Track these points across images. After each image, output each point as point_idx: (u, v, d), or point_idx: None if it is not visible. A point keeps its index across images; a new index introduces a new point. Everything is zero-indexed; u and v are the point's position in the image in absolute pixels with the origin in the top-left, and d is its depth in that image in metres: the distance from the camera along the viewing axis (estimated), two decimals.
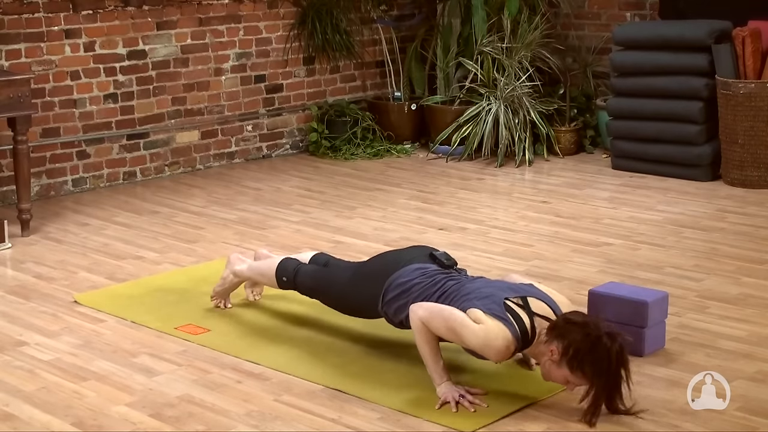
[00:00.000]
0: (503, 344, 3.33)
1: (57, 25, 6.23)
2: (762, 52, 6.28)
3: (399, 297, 3.64)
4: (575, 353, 3.26)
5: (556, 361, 3.32)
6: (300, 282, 4.02)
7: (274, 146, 7.39)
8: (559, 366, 3.32)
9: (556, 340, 3.31)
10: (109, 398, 3.52)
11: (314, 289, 4.00)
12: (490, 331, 3.33)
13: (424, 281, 3.61)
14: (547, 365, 3.36)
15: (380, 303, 3.69)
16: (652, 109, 6.68)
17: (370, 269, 3.84)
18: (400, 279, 3.66)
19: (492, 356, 3.38)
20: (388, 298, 3.66)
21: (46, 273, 4.89)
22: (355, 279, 3.85)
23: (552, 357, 3.32)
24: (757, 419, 3.33)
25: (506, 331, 3.33)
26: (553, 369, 3.34)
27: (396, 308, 3.65)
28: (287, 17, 7.31)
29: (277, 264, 4.10)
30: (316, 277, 4.00)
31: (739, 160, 6.34)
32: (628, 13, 7.53)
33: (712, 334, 4.05)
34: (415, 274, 3.66)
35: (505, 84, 7.09)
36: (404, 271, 3.68)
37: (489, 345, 3.33)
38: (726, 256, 5.04)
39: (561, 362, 3.31)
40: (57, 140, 6.32)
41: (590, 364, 3.26)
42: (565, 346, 3.28)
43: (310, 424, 3.32)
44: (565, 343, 3.29)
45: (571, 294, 4.49)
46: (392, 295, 3.65)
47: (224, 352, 3.91)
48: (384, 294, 3.67)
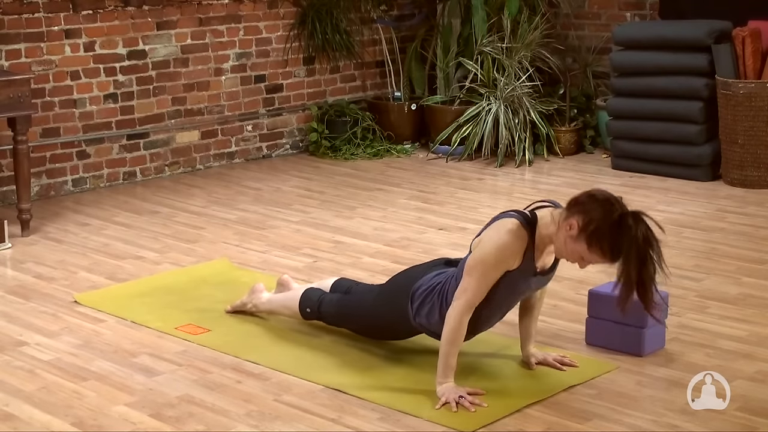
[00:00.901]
0: (503, 225, 3.36)
1: (57, 25, 6.23)
2: (762, 52, 6.28)
3: (425, 301, 3.62)
4: (596, 229, 3.22)
5: (573, 236, 3.27)
6: (325, 312, 3.98)
7: (274, 146, 7.39)
8: (576, 241, 3.28)
9: (576, 215, 3.27)
10: (109, 398, 3.52)
11: (341, 316, 3.95)
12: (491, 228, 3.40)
13: (442, 280, 3.61)
14: (562, 240, 3.32)
15: (412, 315, 3.66)
16: (652, 109, 6.68)
17: (394, 285, 3.81)
18: (423, 286, 3.65)
19: (494, 232, 3.37)
20: (416, 306, 3.64)
21: (46, 273, 4.89)
22: (381, 298, 3.82)
23: (570, 231, 3.28)
24: (757, 419, 3.33)
25: (505, 219, 3.38)
26: (569, 244, 3.30)
27: (427, 312, 3.62)
28: (287, 17, 7.32)
29: (300, 296, 4.06)
30: (340, 305, 3.95)
31: (739, 160, 6.34)
32: (628, 13, 7.53)
33: (712, 334, 4.05)
34: (435, 279, 3.65)
35: (505, 84, 7.09)
36: (425, 278, 3.67)
37: (499, 228, 3.37)
38: (726, 256, 5.04)
39: (579, 237, 3.27)
40: (57, 140, 6.33)
41: (610, 241, 3.21)
42: (586, 221, 3.24)
43: (310, 424, 3.32)
44: (586, 217, 3.24)
45: (571, 294, 4.50)
46: (419, 302, 3.64)
47: (224, 352, 3.91)
48: (412, 304, 3.65)
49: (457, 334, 3.43)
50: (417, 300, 3.64)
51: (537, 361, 3.73)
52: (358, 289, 4.01)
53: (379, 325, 3.84)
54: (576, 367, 3.71)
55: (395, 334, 3.88)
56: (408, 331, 3.79)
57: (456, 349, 3.46)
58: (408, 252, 5.15)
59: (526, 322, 3.74)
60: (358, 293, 3.97)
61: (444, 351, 3.46)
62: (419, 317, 3.65)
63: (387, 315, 3.77)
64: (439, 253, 4.90)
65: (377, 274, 4.81)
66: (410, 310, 3.66)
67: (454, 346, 3.45)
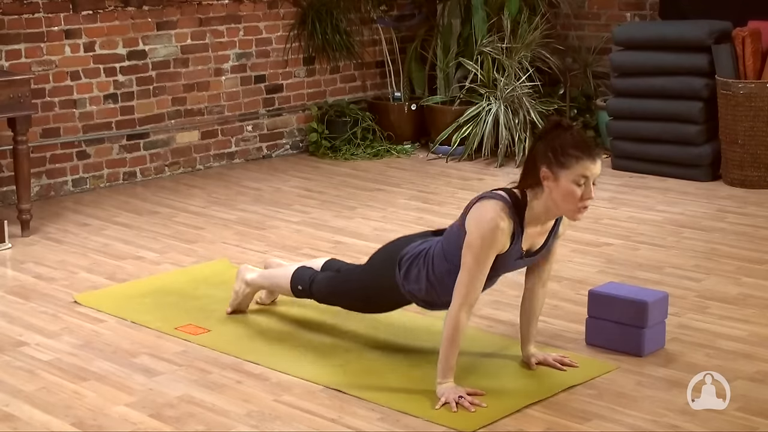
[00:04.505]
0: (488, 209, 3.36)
1: (57, 25, 6.23)
2: (762, 52, 6.28)
3: (412, 267, 3.63)
4: (555, 152, 3.33)
5: (551, 177, 3.34)
6: (316, 290, 3.99)
7: (274, 146, 7.39)
8: (557, 178, 3.34)
9: (538, 168, 3.36)
10: (109, 398, 3.52)
11: (331, 293, 3.96)
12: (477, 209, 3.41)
13: (430, 244, 3.63)
14: (555, 194, 3.36)
15: (400, 281, 3.67)
16: (652, 109, 6.68)
17: (381, 254, 3.83)
18: (409, 252, 3.67)
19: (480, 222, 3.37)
20: (403, 272, 3.65)
21: (46, 273, 4.89)
22: (370, 268, 3.84)
23: (549, 181, 3.35)
24: (757, 419, 3.33)
25: (490, 200, 3.39)
26: (559, 190, 3.34)
27: (415, 278, 3.63)
28: (287, 17, 7.32)
29: (291, 273, 4.07)
30: (331, 282, 3.96)
31: (739, 160, 6.34)
32: (628, 13, 7.53)
33: (712, 334, 4.05)
34: (421, 246, 3.67)
35: (505, 84, 7.09)
36: (411, 246, 3.69)
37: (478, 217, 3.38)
38: (726, 256, 5.04)
39: (555, 172, 3.34)
40: (57, 140, 6.33)
41: (570, 146, 3.33)
42: (544, 158, 3.35)
43: (310, 424, 3.32)
44: (541, 157, 3.35)
45: (571, 294, 4.50)
46: (406, 267, 3.65)
47: (224, 352, 3.91)
48: (399, 270, 3.66)
49: (456, 334, 3.42)
50: (404, 266, 3.65)
51: (537, 361, 3.73)
52: (349, 267, 4.05)
53: (370, 296, 3.85)
54: (576, 367, 3.71)
55: (386, 305, 3.88)
56: (398, 301, 3.79)
57: (456, 348, 3.45)
58: None
59: (527, 322, 3.74)
60: (349, 270, 4.00)
61: (444, 351, 3.46)
62: (408, 284, 3.66)
63: (376, 284, 3.78)
64: None
65: None
66: (398, 277, 3.67)
67: (454, 346, 3.44)
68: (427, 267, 3.59)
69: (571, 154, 3.33)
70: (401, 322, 4.19)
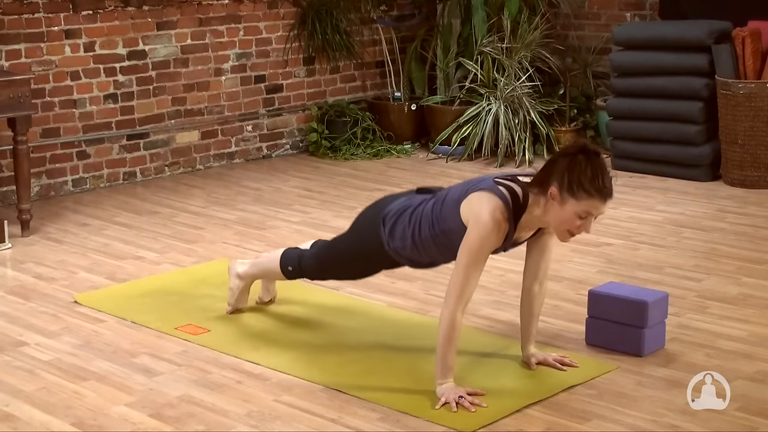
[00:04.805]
0: (489, 209, 3.35)
1: (57, 25, 6.23)
2: (762, 52, 6.28)
3: (396, 224, 3.65)
4: (570, 179, 3.29)
5: (558, 199, 3.32)
6: (305, 266, 4.01)
7: (274, 146, 7.39)
8: (563, 203, 3.32)
9: (548, 182, 3.34)
10: (109, 398, 3.52)
11: (320, 265, 3.98)
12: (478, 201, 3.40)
13: (417, 203, 3.65)
14: (554, 214, 3.36)
15: (385, 239, 3.68)
16: (652, 109, 6.68)
17: (365, 214, 3.86)
18: (393, 209, 3.69)
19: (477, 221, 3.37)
20: (388, 229, 3.67)
21: (46, 273, 4.89)
22: (355, 229, 3.86)
23: (553, 197, 3.33)
24: (757, 419, 3.33)
25: (492, 197, 3.37)
26: (560, 213, 3.33)
27: (400, 236, 3.64)
28: (287, 17, 7.32)
29: (280, 256, 4.10)
30: (319, 254, 3.99)
31: (739, 160, 6.34)
32: (628, 13, 7.53)
33: (712, 334, 4.05)
34: (406, 203, 3.69)
35: (505, 84, 7.09)
36: (395, 203, 3.72)
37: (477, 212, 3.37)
38: (726, 256, 5.04)
39: (563, 197, 3.31)
40: (57, 140, 6.33)
41: (590, 181, 3.28)
42: (559, 179, 3.31)
43: (310, 424, 3.32)
44: (556, 176, 3.32)
45: (571, 294, 4.50)
46: (391, 224, 3.67)
47: (224, 352, 3.91)
48: (384, 228, 3.68)
49: (453, 333, 3.42)
50: (389, 223, 3.67)
51: (537, 361, 3.73)
52: (334, 237, 4.06)
53: (357, 258, 3.85)
54: (576, 367, 3.71)
55: (374, 265, 3.88)
56: (384, 260, 3.79)
57: (453, 347, 3.45)
58: None
59: (526, 322, 3.74)
60: (334, 239, 4.01)
61: (441, 350, 3.45)
62: (393, 241, 3.67)
63: (362, 245, 3.79)
64: None
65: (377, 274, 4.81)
66: (383, 234, 3.68)
67: (451, 345, 3.44)
68: (413, 228, 3.60)
69: (585, 188, 3.30)
70: (401, 322, 4.20)
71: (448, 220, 3.51)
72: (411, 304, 4.42)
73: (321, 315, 4.27)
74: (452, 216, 3.49)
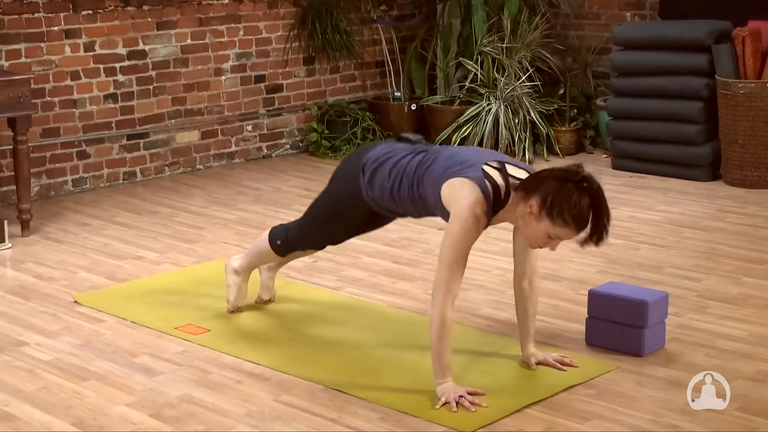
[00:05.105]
0: (468, 202, 3.35)
1: (57, 25, 6.23)
2: (762, 52, 6.28)
3: (376, 173, 3.67)
4: (553, 202, 3.29)
5: (535, 214, 3.33)
6: (292, 237, 4.04)
7: (274, 146, 7.39)
8: (539, 220, 3.33)
9: (532, 194, 3.34)
10: (109, 398, 3.52)
11: (304, 231, 4.01)
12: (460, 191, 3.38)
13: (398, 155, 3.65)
14: (527, 224, 3.38)
15: (364, 187, 3.70)
16: (652, 109, 6.68)
17: (344, 164, 3.89)
18: (373, 158, 3.71)
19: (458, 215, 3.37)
20: (367, 177, 3.69)
21: (46, 273, 4.89)
22: (334, 182, 3.90)
23: (531, 211, 3.34)
24: (757, 419, 3.33)
25: (475, 189, 3.36)
26: (533, 226, 3.36)
27: (380, 185, 3.66)
28: (287, 17, 7.32)
29: (267, 236, 4.12)
30: (301, 221, 4.04)
31: (739, 160, 6.34)
32: (628, 13, 7.53)
33: (712, 334, 4.05)
34: (386, 152, 3.70)
35: (505, 84, 7.09)
36: (375, 151, 3.73)
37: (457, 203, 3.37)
38: (726, 256, 5.04)
39: (541, 215, 3.32)
40: (57, 140, 6.33)
41: (571, 212, 3.28)
42: (543, 197, 3.30)
43: (310, 424, 3.32)
44: (542, 193, 3.31)
45: (571, 294, 4.50)
46: (370, 173, 3.68)
47: (224, 352, 3.91)
48: (363, 176, 3.70)
49: (445, 330, 3.41)
50: (368, 171, 3.69)
51: (537, 361, 3.73)
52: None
53: (337, 213, 3.87)
54: (576, 367, 3.71)
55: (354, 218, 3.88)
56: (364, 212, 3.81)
57: (448, 345, 3.44)
58: (408, 252, 5.15)
59: (522, 321, 3.73)
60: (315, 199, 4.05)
61: (436, 350, 3.45)
62: (371, 190, 3.69)
63: (342, 197, 3.83)
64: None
65: (377, 274, 4.82)
66: (362, 183, 3.70)
67: (445, 343, 3.43)
68: (393, 182, 3.62)
69: (564, 218, 3.30)
70: (401, 322, 4.20)
71: (427, 191, 3.53)
72: (411, 304, 4.42)
73: (321, 315, 4.27)
74: (432, 189, 3.51)
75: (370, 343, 3.97)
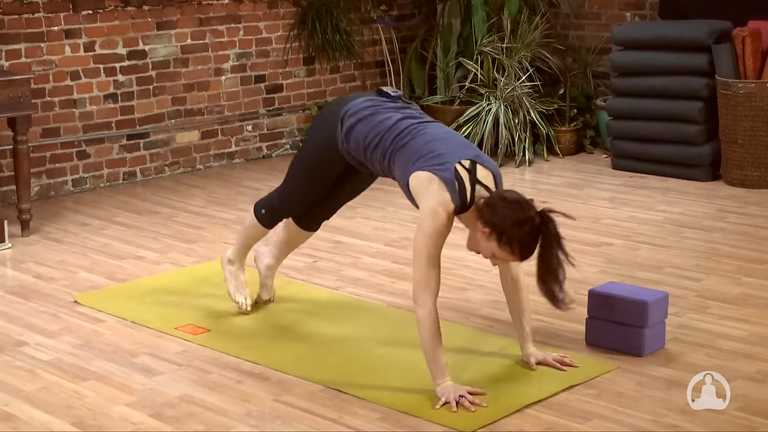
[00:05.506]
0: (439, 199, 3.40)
1: (57, 25, 6.23)
2: (762, 52, 6.28)
3: (354, 128, 3.70)
4: (506, 229, 3.36)
5: (486, 233, 3.40)
6: (273, 202, 4.08)
7: (274, 146, 7.39)
8: (488, 239, 3.41)
9: (487, 217, 3.40)
10: (109, 398, 3.52)
11: (284, 193, 4.04)
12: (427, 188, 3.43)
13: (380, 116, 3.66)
14: (477, 236, 3.45)
15: (341, 138, 3.73)
16: (652, 109, 6.68)
17: (322, 115, 3.92)
18: (352, 109, 3.73)
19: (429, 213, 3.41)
20: (345, 129, 3.71)
21: (46, 273, 4.89)
22: (309, 134, 3.96)
23: (483, 229, 3.41)
24: (757, 419, 3.33)
25: (443, 191, 3.41)
26: (482, 240, 3.43)
27: (354, 143, 3.70)
28: (287, 17, 7.32)
29: (252, 212, 4.15)
30: (281, 186, 4.08)
31: (739, 160, 6.34)
32: (628, 13, 7.53)
33: (712, 334, 4.05)
34: (366, 103, 3.73)
35: (505, 84, 7.09)
36: (355, 102, 3.76)
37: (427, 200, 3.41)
38: (726, 256, 5.04)
39: (491, 236, 3.40)
40: (57, 140, 6.33)
41: (519, 241, 3.36)
42: (496, 226, 3.37)
43: (310, 424, 3.32)
44: (497, 216, 3.37)
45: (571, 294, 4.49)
46: (348, 126, 3.71)
47: (224, 352, 3.91)
48: (342, 126, 3.72)
49: (434, 329, 3.42)
50: (347, 123, 3.72)
51: (537, 361, 3.72)
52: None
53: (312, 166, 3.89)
54: (576, 367, 3.71)
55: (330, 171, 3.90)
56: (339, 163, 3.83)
57: (440, 344, 3.44)
58: (408, 252, 5.15)
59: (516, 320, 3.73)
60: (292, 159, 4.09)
61: (430, 351, 3.45)
62: (347, 143, 3.73)
63: (317, 148, 3.86)
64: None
65: (377, 274, 4.82)
66: (339, 133, 3.73)
67: (437, 342, 3.43)
68: (367, 143, 3.65)
69: (512, 246, 3.40)
70: (401, 322, 4.19)
71: (396, 170, 3.59)
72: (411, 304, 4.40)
73: (321, 315, 4.27)
74: (401, 171, 3.56)
75: (370, 343, 3.97)
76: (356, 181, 4.03)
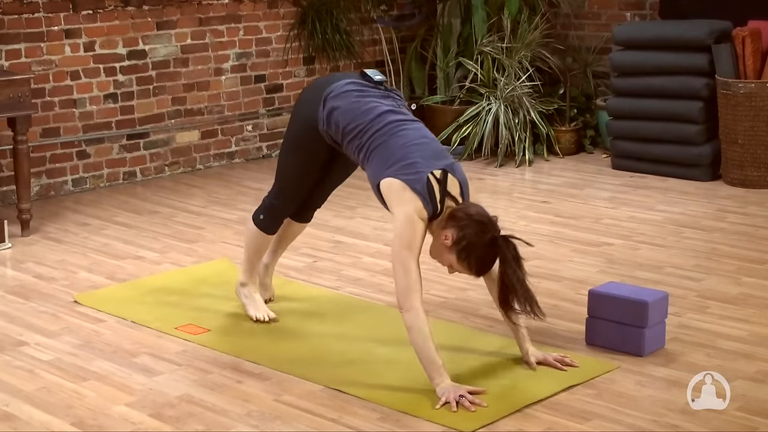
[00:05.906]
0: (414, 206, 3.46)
1: (57, 25, 6.23)
2: (762, 52, 6.28)
3: (334, 112, 3.72)
4: (467, 245, 3.44)
5: (447, 246, 3.48)
6: (268, 202, 4.09)
7: (274, 146, 7.39)
8: (448, 251, 3.48)
9: (452, 228, 3.47)
10: (109, 398, 3.52)
11: (276, 186, 4.06)
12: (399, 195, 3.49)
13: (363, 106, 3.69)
14: (438, 246, 3.52)
15: (322, 119, 3.75)
16: (652, 109, 6.68)
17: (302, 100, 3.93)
18: (335, 91, 3.76)
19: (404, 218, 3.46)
20: (326, 112, 3.74)
21: (46, 273, 4.89)
22: (293, 117, 3.97)
23: (444, 241, 3.48)
24: (757, 419, 3.33)
25: (415, 200, 3.47)
26: (443, 251, 3.51)
27: (335, 127, 3.73)
28: (287, 17, 7.32)
29: (250, 224, 4.14)
30: (274, 184, 4.09)
31: (739, 160, 6.34)
32: (628, 13, 7.53)
33: (712, 334, 4.05)
34: (350, 87, 3.76)
35: (505, 84, 7.09)
36: (338, 83, 3.79)
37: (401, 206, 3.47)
38: (726, 256, 5.04)
39: (451, 249, 3.47)
40: (57, 140, 6.33)
41: (476, 259, 3.46)
42: (459, 236, 3.45)
43: (310, 424, 3.32)
44: (460, 232, 3.45)
45: (571, 294, 4.50)
46: (329, 109, 3.74)
47: (224, 352, 3.91)
48: (324, 107, 3.75)
49: (425, 329, 3.43)
50: (328, 105, 3.75)
51: (537, 361, 3.72)
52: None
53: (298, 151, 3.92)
54: (576, 367, 3.71)
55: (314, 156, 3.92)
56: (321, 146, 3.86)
57: (433, 345, 3.44)
58: None
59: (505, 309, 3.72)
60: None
61: (425, 353, 3.44)
62: (328, 125, 3.76)
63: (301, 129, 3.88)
64: None
65: (377, 274, 4.82)
66: (321, 114, 3.75)
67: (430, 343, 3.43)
68: (346, 131, 3.69)
69: (470, 262, 3.48)
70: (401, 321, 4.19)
71: (368, 168, 3.65)
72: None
73: (321, 315, 4.27)
74: (373, 172, 3.61)
75: (370, 343, 3.97)
76: (347, 161, 4.01)
